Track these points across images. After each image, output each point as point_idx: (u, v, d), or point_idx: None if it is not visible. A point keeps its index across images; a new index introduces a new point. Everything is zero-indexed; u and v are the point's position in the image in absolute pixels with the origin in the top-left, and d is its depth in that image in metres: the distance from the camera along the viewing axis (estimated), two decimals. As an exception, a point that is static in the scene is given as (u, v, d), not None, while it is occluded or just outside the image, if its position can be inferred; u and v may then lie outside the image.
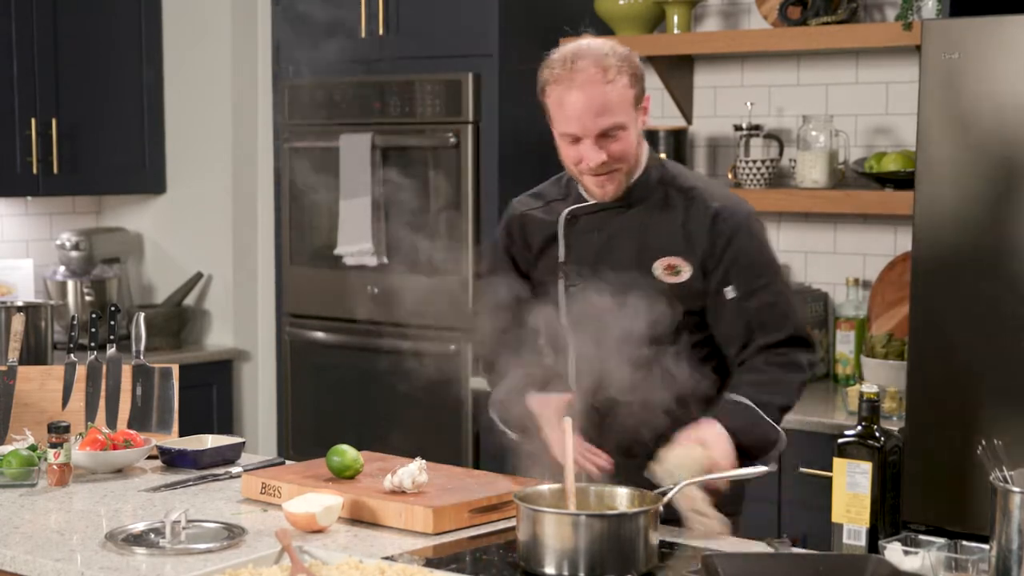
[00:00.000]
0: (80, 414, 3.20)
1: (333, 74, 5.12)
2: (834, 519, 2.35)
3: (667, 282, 2.70)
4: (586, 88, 2.61)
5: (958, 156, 3.49)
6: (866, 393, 2.34)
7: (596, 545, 2.27)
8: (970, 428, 3.45)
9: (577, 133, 2.65)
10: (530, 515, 2.31)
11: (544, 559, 2.29)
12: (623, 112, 2.63)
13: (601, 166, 2.66)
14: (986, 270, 3.47)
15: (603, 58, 2.62)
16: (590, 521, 2.29)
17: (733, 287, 2.69)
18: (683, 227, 2.71)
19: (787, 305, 2.72)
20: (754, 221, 2.75)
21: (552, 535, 2.28)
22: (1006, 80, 3.41)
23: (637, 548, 2.29)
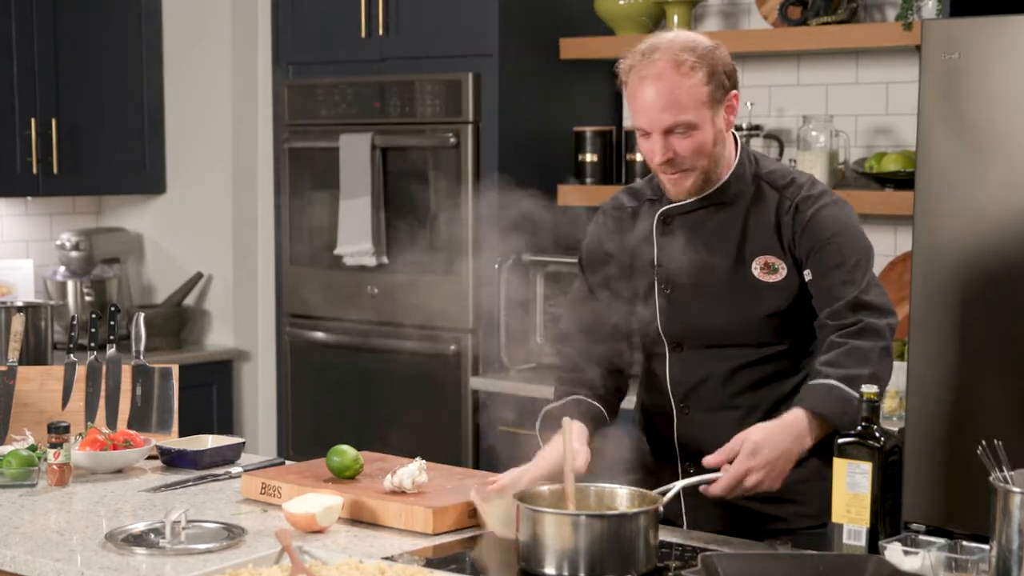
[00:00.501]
0: (80, 414, 3.20)
1: (333, 74, 5.13)
2: (834, 519, 2.34)
3: (766, 281, 2.61)
4: (656, 82, 2.53)
5: (958, 156, 3.48)
6: (866, 393, 2.34)
7: (596, 545, 2.26)
8: (970, 428, 3.44)
9: (644, 127, 2.57)
10: (530, 515, 2.31)
11: (544, 559, 2.29)
12: (694, 109, 2.54)
13: (668, 164, 2.59)
14: (986, 270, 3.46)
15: (679, 52, 2.53)
16: (590, 521, 2.28)
17: (810, 270, 2.60)
18: (776, 223, 2.63)
19: (863, 279, 2.59)
20: (840, 209, 2.63)
21: (552, 535, 2.28)
22: (1006, 80, 3.41)
23: (637, 548, 2.28)
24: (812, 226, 2.60)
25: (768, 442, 2.43)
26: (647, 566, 2.30)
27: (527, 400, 4.58)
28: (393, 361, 5.03)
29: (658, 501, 2.37)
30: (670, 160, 2.58)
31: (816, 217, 2.60)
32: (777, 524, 2.64)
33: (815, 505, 2.62)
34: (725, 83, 2.58)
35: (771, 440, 2.43)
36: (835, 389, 2.46)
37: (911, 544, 2.23)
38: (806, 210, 2.61)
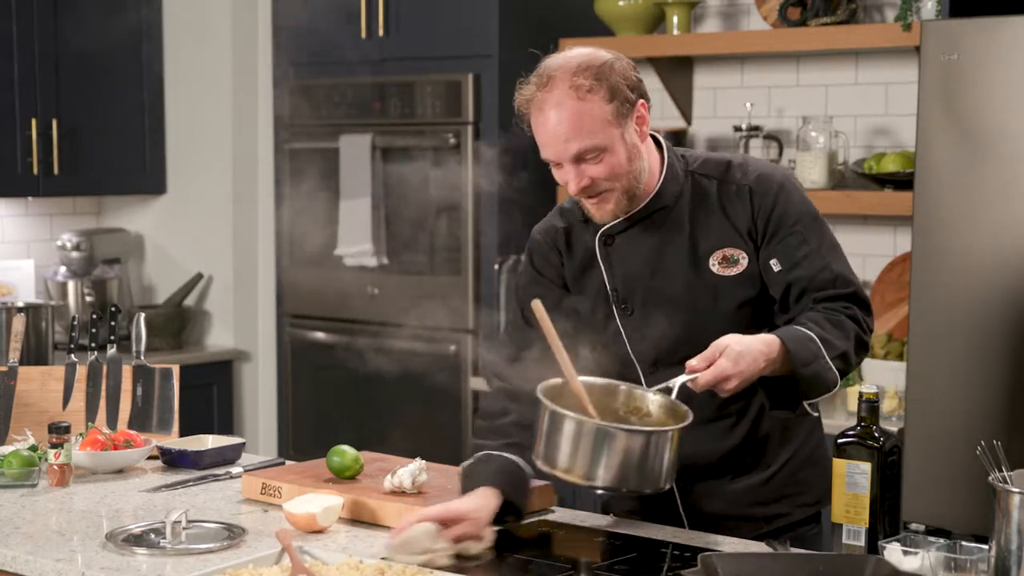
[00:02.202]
0: (80, 414, 3.20)
1: (333, 75, 5.13)
2: (834, 519, 2.35)
3: (727, 275, 2.52)
4: (557, 111, 2.42)
5: (958, 156, 3.49)
6: (866, 393, 2.34)
7: (623, 458, 2.25)
8: (970, 428, 3.45)
9: (552, 158, 2.47)
10: (557, 417, 2.28)
11: (558, 460, 2.28)
12: (600, 132, 2.42)
13: (586, 188, 2.47)
14: (986, 270, 3.47)
15: (574, 76, 2.42)
16: (626, 435, 2.26)
17: (776, 260, 2.52)
18: (724, 213, 2.53)
19: (840, 266, 2.54)
20: (789, 186, 2.56)
21: (572, 438, 2.26)
22: (1005, 80, 3.41)
23: (663, 464, 2.28)
24: (775, 214, 2.52)
25: (747, 353, 2.36)
26: (668, 482, 2.30)
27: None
28: (393, 361, 5.03)
29: (688, 416, 2.33)
30: (586, 187, 2.47)
31: (776, 202, 2.52)
32: (779, 521, 2.63)
33: (812, 494, 2.64)
34: (629, 96, 2.45)
35: (750, 352, 2.37)
36: (812, 343, 2.42)
37: (910, 544, 2.23)
38: (763, 193, 2.52)
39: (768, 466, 2.61)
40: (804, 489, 2.64)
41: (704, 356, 2.35)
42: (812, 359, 2.41)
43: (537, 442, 2.34)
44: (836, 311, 2.50)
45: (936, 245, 3.54)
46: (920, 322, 3.58)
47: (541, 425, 2.33)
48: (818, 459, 2.66)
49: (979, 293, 3.48)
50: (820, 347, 2.42)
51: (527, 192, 4.87)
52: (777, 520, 2.63)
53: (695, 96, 4.86)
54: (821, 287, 2.51)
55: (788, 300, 2.53)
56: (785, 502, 2.63)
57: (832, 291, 2.51)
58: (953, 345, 3.53)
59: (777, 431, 2.61)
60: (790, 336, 2.41)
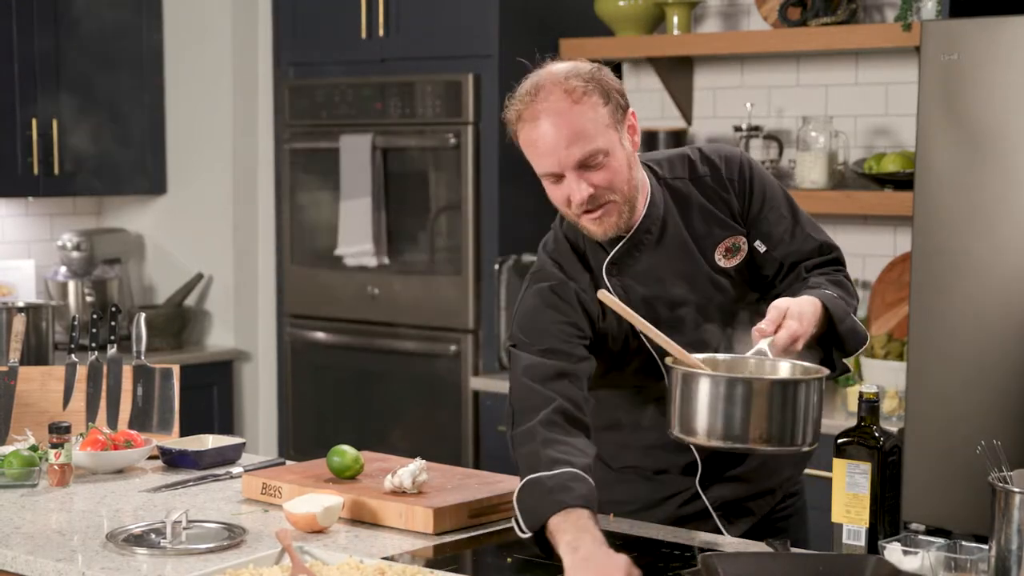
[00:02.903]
0: (81, 414, 3.20)
1: (333, 75, 5.13)
2: (834, 519, 2.35)
3: (732, 266, 2.53)
4: (553, 119, 2.34)
5: (958, 156, 3.49)
6: (866, 393, 2.35)
7: (766, 412, 2.18)
8: (970, 428, 3.45)
9: (553, 170, 2.37)
10: (691, 378, 2.21)
11: (696, 426, 2.20)
12: (601, 135, 2.36)
13: (590, 200, 2.38)
14: (986, 270, 3.47)
15: (566, 81, 2.36)
16: (757, 384, 2.19)
17: (760, 241, 2.53)
18: (709, 206, 2.52)
19: (818, 233, 2.57)
20: (749, 160, 2.56)
21: (710, 398, 2.19)
22: (1005, 80, 3.41)
23: (809, 418, 2.21)
24: (754, 194, 2.54)
25: (806, 313, 2.36)
26: (811, 441, 2.23)
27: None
28: (393, 361, 5.03)
29: (823, 370, 2.28)
30: (591, 196, 2.38)
31: (750, 181, 2.54)
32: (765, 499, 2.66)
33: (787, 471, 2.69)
34: (620, 102, 2.40)
35: (807, 311, 2.36)
36: (839, 301, 2.45)
37: (911, 544, 2.23)
38: (737, 178, 2.54)
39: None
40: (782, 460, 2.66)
41: (770, 319, 2.33)
42: (845, 315, 2.45)
43: (670, 415, 2.26)
44: (832, 274, 2.56)
45: (936, 245, 3.54)
46: (920, 322, 3.58)
47: (673, 395, 2.26)
48: None
49: (979, 293, 3.48)
50: (845, 305, 2.47)
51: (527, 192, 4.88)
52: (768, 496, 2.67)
53: (695, 96, 4.86)
54: (809, 257, 2.57)
55: (778, 274, 2.58)
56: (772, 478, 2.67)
57: (819, 258, 2.58)
58: (953, 345, 3.53)
59: None
60: (822, 296, 2.44)
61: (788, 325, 2.32)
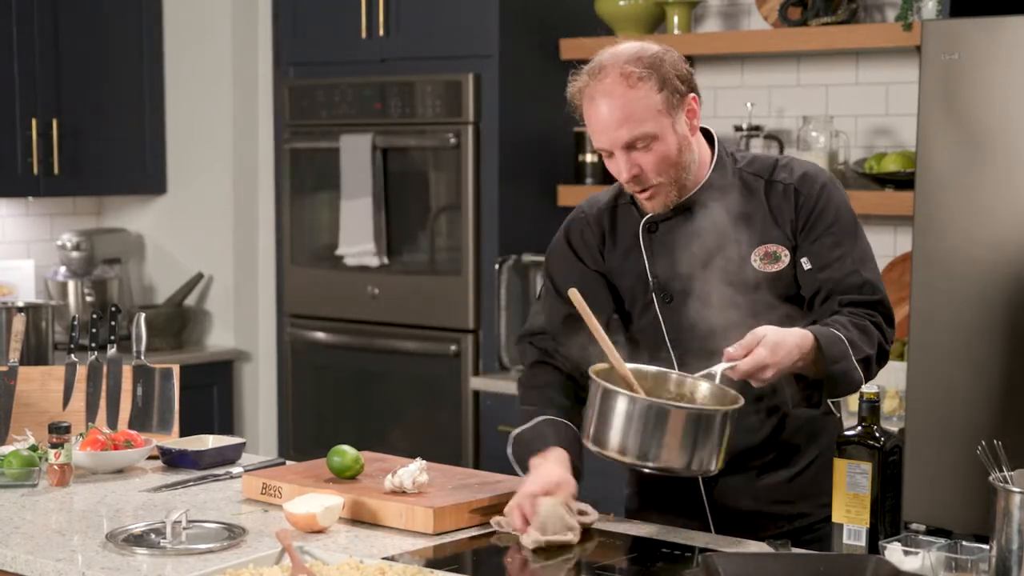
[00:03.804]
0: (81, 414, 3.20)
1: (333, 75, 5.13)
2: (834, 519, 2.35)
3: (768, 272, 2.55)
4: (608, 99, 2.47)
5: (958, 156, 3.49)
6: (866, 393, 2.35)
7: (677, 438, 2.27)
8: (970, 428, 3.45)
9: (605, 147, 2.51)
10: (610, 396, 2.30)
11: (609, 441, 2.30)
12: (651, 120, 2.47)
13: (635, 181, 2.52)
14: (986, 270, 3.47)
15: (625, 65, 2.47)
16: (672, 412, 2.27)
17: (808, 259, 2.55)
18: (769, 211, 2.57)
19: (870, 273, 2.58)
20: (832, 187, 2.59)
21: (625, 417, 2.28)
22: (1006, 80, 3.41)
23: (716, 446, 2.29)
24: (814, 213, 2.55)
25: (784, 344, 2.38)
26: (719, 465, 2.32)
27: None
28: (393, 361, 5.03)
29: (739, 400, 2.35)
30: (636, 176, 2.51)
31: (816, 202, 2.56)
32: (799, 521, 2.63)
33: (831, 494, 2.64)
34: (680, 87, 2.50)
35: (786, 343, 2.39)
36: (842, 342, 2.44)
37: (911, 544, 2.23)
38: (806, 193, 2.56)
39: (794, 464, 2.64)
40: (824, 489, 2.61)
41: (742, 344, 2.37)
42: (841, 357, 2.44)
43: (587, 424, 2.37)
44: (861, 316, 2.52)
45: (936, 245, 3.54)
46: (920, 322, 3.58)
47: (592, 406, 2.36)
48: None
49: (979, 293, 3.48)
50: (848, 347, 2.45)
51: (527, 192, 4.88)
52: (800, 520, 2.63)
53: (695, 96, 4.86)
54: (848, 291, 2.54)
55: (815, 300, 2.56)
56: (808, 502, 2.63)
57: (858, 296, 2.54)
58: (953, 345, 3.53)
59: (804, 429, 2.63)
60: (821, 333, 2.44)
61: (757, 353, 2.36)
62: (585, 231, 2.70)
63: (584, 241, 2.70)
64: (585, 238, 2.70)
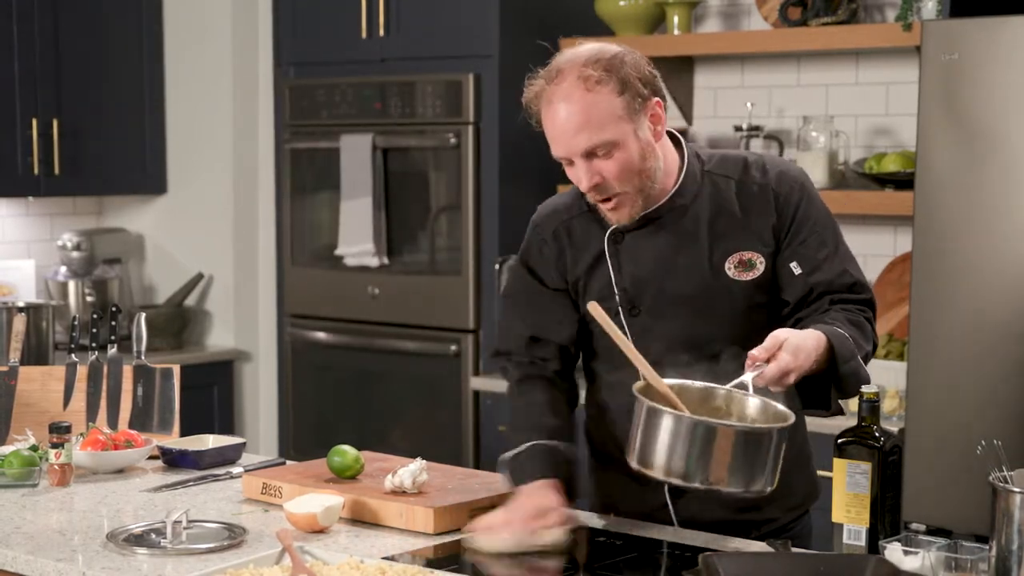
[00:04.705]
0: (81, 414, 3.20)
1: (334, 75, 5.13)
2: (834, 519, 2.35)
3: (742, 280, 2.47)
4: (566, 104, 2.35)
5: (958, 156, 3.49)
6: (866, 393, 2.34)
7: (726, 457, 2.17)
8: (970, 428, 3.45)
9: (563, 155, 2.39)
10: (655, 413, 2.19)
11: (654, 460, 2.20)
12: (610, 126, 2.35)
13: (595, 189, 2.40)
14: (986, 270, 3.47)
15: (583, 67, 2.35)
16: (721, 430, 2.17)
17: (797, 263, 2.48)
18: (743, 215, 2.48)
19: (856, 271, 2.53)
20: (809, 185, 2.52)
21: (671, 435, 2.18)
22: (1006, 80, 3.41)
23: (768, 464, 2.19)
24: (799, 215, 2.49)
25: (804, 347, 2.31)
26: (771, 485, 2.21)
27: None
28: (394, 361, 5.03)
29: (789, 416, 2.24)
30: (597, 185, 2.39)
31: (799, 203, 2.50)
32: (768, 527, 2.60)
33: (799, 496, 2.62)
34: (642, 91, 2.38)
35: (806, 346, 2.32)
36: (848, 342, 2.39)
37: (911, 544, 2.23)
38: (786, 194, 2.49)
39: None
40: (792, 491, 2.59)
41: (765, 347, 2.29)
42: (850, 357, 2.39)
43: (631, 443, 2.25)
44: (855, 312, 2.48)
45: (936, 245, 3.54)
46: (920, 322, 3.58)
47: (636, 425, 2.24)
48: (804, 460, 2.65)
49: (979, 293, 3.48)
50: (854, 346, 2.41)
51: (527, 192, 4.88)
52: (768, 525, 2.60)
53: (696, 96, 4.86)
54: (839, 291, 2.50)
55: (803, 301, 2.51)
56: (776, 505, 2.59)
57: (849, 295, 2.50)
58: (953, 345, 3.53)
59: None
60: (831, 333, 2.38)
61: (781, 358, 2.28)
62: (544, 248, 2.60)
63: (543, 259, 2.60)
64: (544, 255, 2.59)
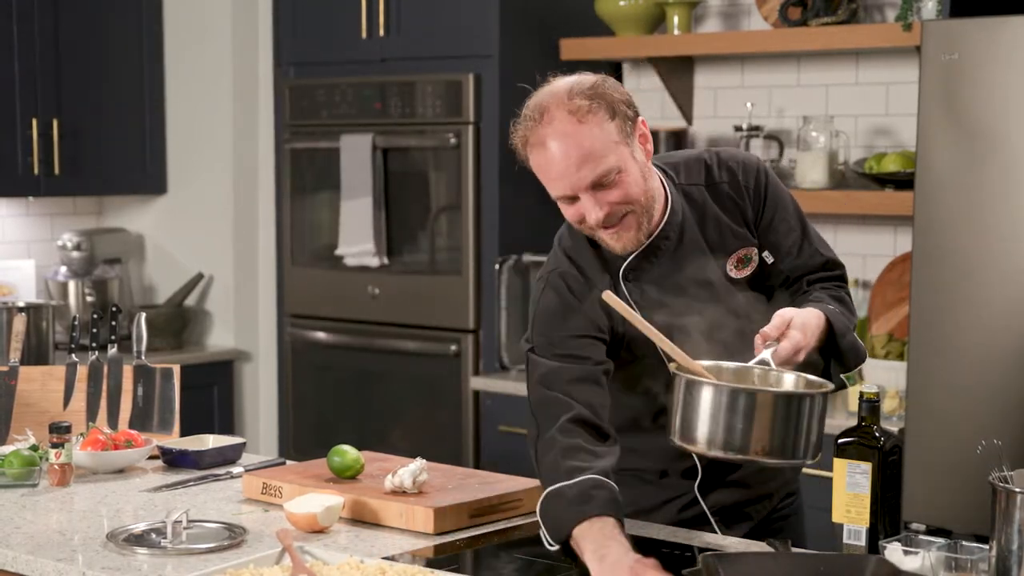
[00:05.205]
0: (81, 414, 3.21)
1: (334, 75, 5.13)
2: (834, 519, 2.35)
3: (741, 277, 2.50)
4: (561, 141, 2.30)
5: (958, 156, 3.49)
6: (866, 393, 2.34)
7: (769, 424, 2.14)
8: (970, 428, 3.45)
9: (568, 192, 2.33)
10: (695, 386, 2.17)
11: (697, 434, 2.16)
12: (611, 152, 2.31)
13: (606, 218, 2.35)
14: (986, 270, 3.47)
15: (570, 100, 2.31)
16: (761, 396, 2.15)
17: (768, 252, 2.51)
18: (724, 215, 2.49)
19: (825, 249, 2.56)
20: (767, 170, 2.54)
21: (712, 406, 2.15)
22: (1006, 80, 3.41)
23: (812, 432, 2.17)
24: (767, 203, 2.51)
25: (810, 324, 2.33)
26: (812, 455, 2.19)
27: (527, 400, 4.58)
28: (394, 361, 5.03)
29: (828, 384, 2.23)
30: (608, 215, 2.34)
31: (766, 190, 2.51)
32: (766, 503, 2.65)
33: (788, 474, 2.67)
34: (628, 112, 2.35)
35: (811, 323, 2.34)
36: (841, 316, 2.43)
37: (911, 544, 2.23)
38: (753, 185, 2.51)
39: None
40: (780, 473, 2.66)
41: (774, 326, 2.29)
42: (846, 330, 2.43)
43: (672, 421, 2.23)
44: (833, 289, 2.55)
45: (936, 245, 3.54)
46: (920, 322, 3.58)
47: (675, 402, 2.22)
48: None
49: (979, 293, 3.48)
50: (846, 320, 2.45)
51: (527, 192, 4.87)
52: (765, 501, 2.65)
53: (695, 96, 4.86)
54: (813, 271, 2.57)
55: (783, 286, 2.58)
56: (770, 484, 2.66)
57: (823, 273, 2.58)
58: (953, 345, 3.53)
59: None
60: (826, 310, 2.42)
61: (792, 336, 2.29)
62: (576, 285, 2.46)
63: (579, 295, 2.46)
64: (578, 292, 2.46)
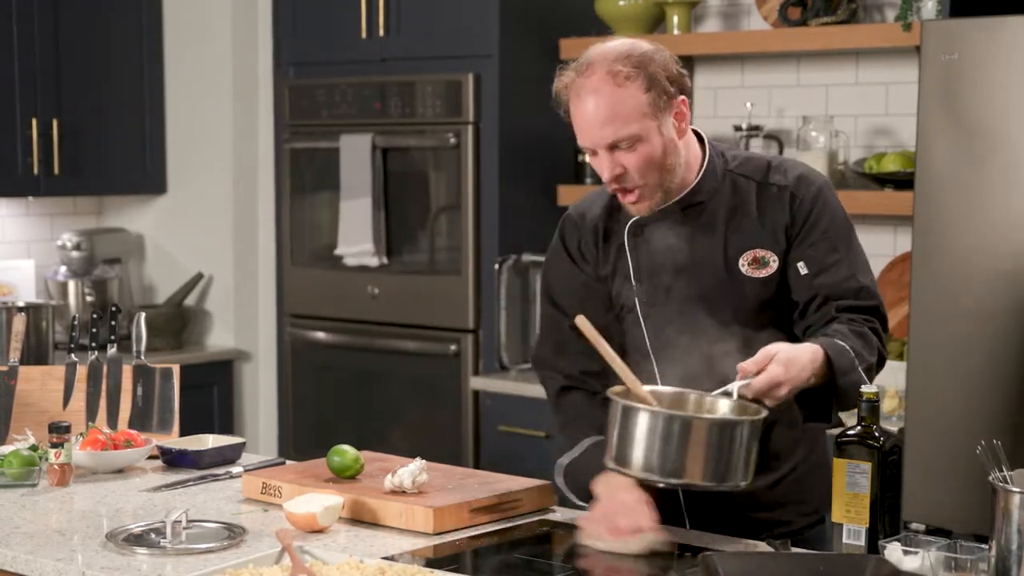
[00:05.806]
0: (81, 414, 3.20)
1: (333, 75, 5.13)
2: (834, 519, 2.35)
3: (756, 277, 2.51)
4: (594, 96, 2.42)
5: (958, 156, 3.49)
6: (866, 393, 2.34)
7: (702, 451, 2.21)
8: (970, 428, 3.45)
9: (588, 146, 2.46)
10: (630, 412, 2.24)
11: (632, 459, 2.24)
12: (636, 121, 2.42)
13: (616, 180, 2.47)
14: (986, 270, 3.47)
15: (613, 63, 2.42)
16: (694, 422, 2.21)
17: (804, 263, 2.51)
18: (761, 215, 2.53)
19: (866, 278, 2.54)
20: (828, 191, 2.55)
21: (647, 433, 2.22)
22: (1005, 80, 3.41)
23: (744, 458, 2.23)
24: (811, 217, 2.52)
25: (797, 361, 2.35)
26: (747, 479, 2.26)
27: (527, 400, 4.58)
28: (393, 361, 5.03)
29: (762, 411, 2.29)
30: (619, 176, 2.46)
31: (813, 206, 2.52)
32: (780, 528, 2.60)
33: (814, 502, 2.62)
34: (668, 89, 2.45)
35: (799, 359, 2.35)
36: (848, 354, 2.41)
37: (911, 544, 2.23)
38: (802, 197, 2.52)
39: (775, 470, 2.59)
40: (806, 497, 2.62)
41: (755, 361, 2.33)
42: (850, 369, 2.41)
43: (608, 445, 2.31)
44: (860, 323, 2.50)
45: (936, 245, 3.54)
46: (920, 322, 3.58)
47: (612, 426, 2.30)
48: (823, 469, 2.63)
49: (979, 293, 3.48)
50: (854, 358, 2.42)
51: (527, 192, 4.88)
52: (781, 527, 2.60)
53: (695, 96, 4.86)
54: (844, 296, 2.51)
55: (810, 305, 2.53)
56: (788, 509, 2.61)
57: (855, 302, 2.52)
58: (953, 345, 3.53)
59: (785, 437, 2.59)
60: (829, 346, 2.41)
61: (770, 370, 2.32)
62: (582, 239, 2.65)
63: (582, 250, 2.65)
64: (583, 247, 2.65)
